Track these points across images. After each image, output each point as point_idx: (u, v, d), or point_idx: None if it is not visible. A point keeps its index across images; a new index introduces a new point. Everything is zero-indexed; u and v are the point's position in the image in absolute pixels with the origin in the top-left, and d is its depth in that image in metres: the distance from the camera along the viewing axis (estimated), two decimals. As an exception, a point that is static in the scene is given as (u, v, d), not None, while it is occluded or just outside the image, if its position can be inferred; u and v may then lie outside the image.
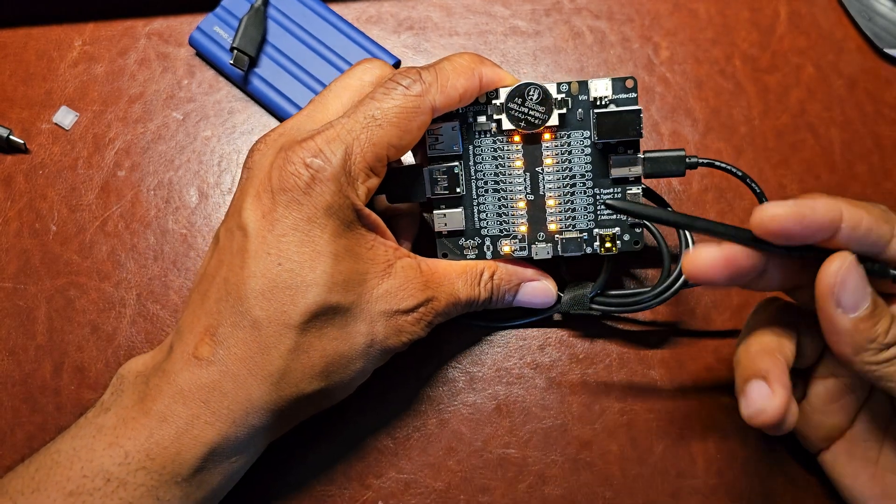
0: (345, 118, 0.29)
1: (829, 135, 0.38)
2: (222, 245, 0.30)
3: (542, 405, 0.36)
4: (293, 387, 0.29)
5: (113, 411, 0.29)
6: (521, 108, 0.31)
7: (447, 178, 0.32)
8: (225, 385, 0.28)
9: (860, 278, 0.26)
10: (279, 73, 0.39)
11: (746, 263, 0.26)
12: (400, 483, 0.35)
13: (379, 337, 0.30)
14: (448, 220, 0.33)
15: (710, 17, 0.40)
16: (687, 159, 0.31)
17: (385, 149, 0.29)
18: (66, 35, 0.41)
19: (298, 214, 0.28)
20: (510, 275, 0.33)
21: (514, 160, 0.32)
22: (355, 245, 0.29)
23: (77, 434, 0.29)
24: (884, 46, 0.39)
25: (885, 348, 0.26)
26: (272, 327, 0.28)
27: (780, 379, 0.27)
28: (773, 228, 0.25)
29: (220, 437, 0.28)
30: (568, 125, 0.32)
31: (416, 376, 0.36)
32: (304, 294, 0.28)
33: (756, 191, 0.32)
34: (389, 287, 0.30)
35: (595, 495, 0.34)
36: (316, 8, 0.39)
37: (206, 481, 0.29)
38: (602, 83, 0.31)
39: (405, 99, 0.29)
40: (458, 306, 0.32)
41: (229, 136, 0.39)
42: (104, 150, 0.39)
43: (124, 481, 0.27)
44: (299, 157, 0.28)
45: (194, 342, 0.29)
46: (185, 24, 0.41)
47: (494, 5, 0.41)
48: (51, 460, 0.28)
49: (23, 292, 0.37)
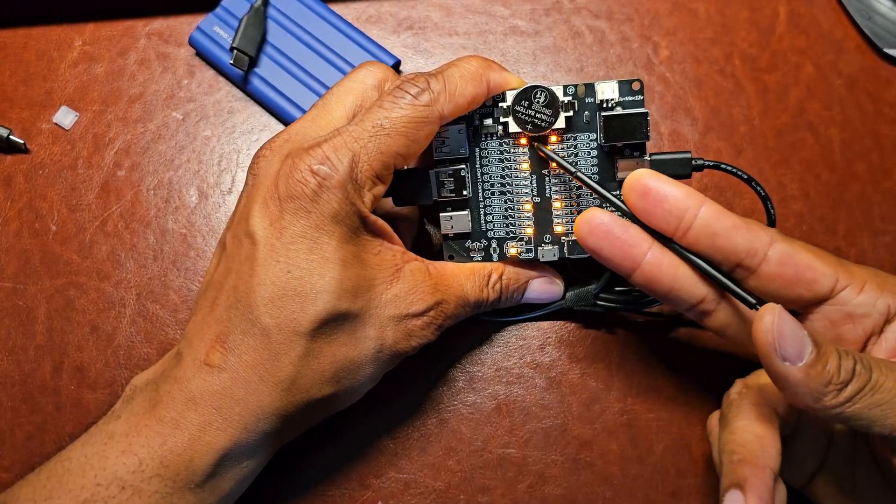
0: (352, 126, 0.29)
1: (828, 134, 0.38)
2: (230, 252, 0.30)
3: (542, 405, 0.36)
4: (303, 392, 0.29)
5: (124, 418, 0.29)
6: (527, 111, 0.31)
7: (454, 181, 0.32)
8: (236, 392, 0.28)
9: (794, 324, 0.25)
10: (279, 73, 0.39)
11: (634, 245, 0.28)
12: (400, 483, 0.35)
13: (389, 342, 0.30)
14: (455, 222, 0.33)
15: (709, 16, 0.40)
16: (693, 161, 0.31)
17: (392, 157, 0.29)
18: (66, 35, 0.41)
19: (306, 222, 0.28)
20: (518, 274, 0.34)
21: (521, 163, 0.32)
22: (362, 251, 0.29)
23: (88, 441, 0.28)
24: (883, 46, 0.39)
25: (843, 387, 0.24)
26: (282, 334, 0.28)
27: (759, 492, 0.26)
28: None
29: (231, 443, 0.28)
30: (574, 128, 0.32)
31: (416, 376, 0.36)
32: (314, 301, 0.28)
33: (761, 194, 0.32)
34: (398, 291, 0.30)
35: (595, 495, 0.34)
36: (316, 8, 0.39)
37: (218, 487, 0.29)
38: (609, 86, 0.31)
39: (413, 109, 0.29)
40: (467, 308, 0.32)
41: (229, 135, 0.39)
42: (104, 150, 0.39)
43: (139, 489, 0.27)
44: (306, 164, 0.28)
45: (205, 349, 0.29)
46: (185, 24, 0.41)
47: (494, 5, 0.41)
48: (62, 468, 0.28)
49: (23, 292, 0.37)
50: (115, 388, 0.36)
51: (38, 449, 0.35)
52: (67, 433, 0.36)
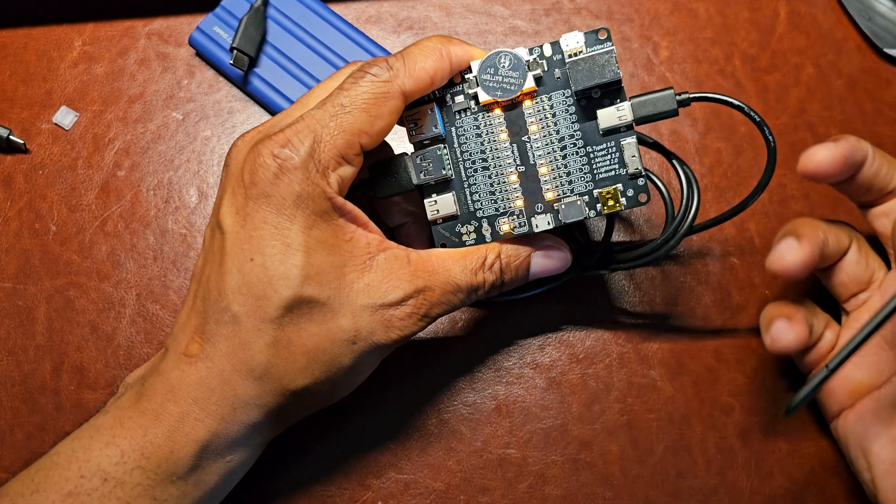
0: (314, 109, 0.29)
1: (828, 134, 0.38)
2: (206, 245, 0.30)
3: (542, 405, 0.36)
4: (276, 382, 0.29)
5: (111, 413, 0.29)
6: (494, 78, 0.30)
7: (432, 163, 0.32)
8: (212, 381, 0.28)
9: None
10: (279, 73, 0.39)
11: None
12: (400, 483, 0.35)
13: (363, 332, 0.29)
14: (440, 205, 0.32)
15: (709, 16, 0.40)
16: (678, 96, 0.30)
17: (356, 135, 0.29)
18: (66, 35, 0.41)
19: (267, 207, 0.28)
20: (518, 250, 0.32)
21: (499, 133, 0.31)
22: (331, 237, 0.29)
23: (76, 436, 0.29)
24: (884, 46, 0.39)
25: None
26: (251, 322, 0.28)
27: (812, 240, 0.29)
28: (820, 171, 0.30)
29: (210, 434, 0.28)
30: (547, 87, 0.31)
31: (416, 376, 0.36)
32: (276, 287, 0.28)
33: (756, 119, 0.31)
34: (371, 280, 0.29)
35: (595, 495, 0.34)
36: (316, 8, 0.39)
37: (202, 480, 0.29)
38: (573, 36, 0.30)
39: (373, 84, 0.29)
40: (459, 294, 0.31)
41: (229, 136, 0.39)
42: (104, 150, 0.39)
43: (121, 481, 0.27)
44: (268, 149, 0.28)
45: (185, 341, 0.29)
46: (185, 24, 0.41)
47: (494, 5, 0.41)
48: (50, 462, 0.28)
49: (22, 292, 0.37)
50: (115, 389, 0.36)
51: (38, 449, 0.35)
52: (67, 433, 0.35)
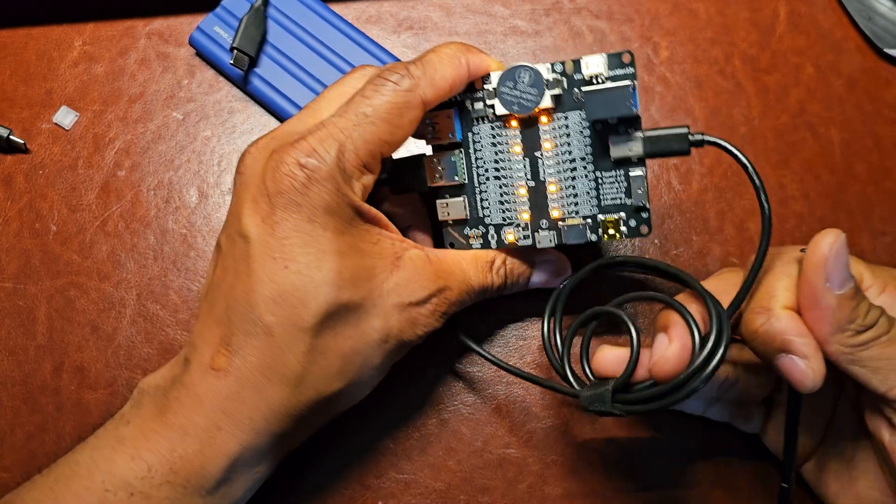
0: (336, 117, 0.29)
1: (828, 134, 0.38)
2: (225, 253, 0.30)
3: (542, 405, 0.36)
4: (311, 389, 0.28)
5: (133, 423, 0.28)
6: (513, 92, 0.30)
7: (447, 167, 0.32)
8: (244, 394, 0.28)
9: (848, 257, 0.26)
10: (279, 73, 0.39)
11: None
12: (400, 483, 0.35)
13: (394, 331, 0.30)
14: (450, 208, 0.32)
15: (709, 16, 0.40)
16: (691, 136, 0.29)
17: (378, 145, 0.29)
18: (66, 35, 0.41)
19: (298, 216, 0.28)
20: (521, 258, 0.34)
21: (513, 146, 0.31)
22: (359, 241, 0.29)
23: (96, 445, 0.28)
24: (884, 46, 0.39)
25: (863, 331, 0.26)
26: (286, 331, 0.28)
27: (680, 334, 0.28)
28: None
29: (242, 448, 0.28)
30: (565, 106, 0.30)
31: (416, 376, 0.36)
32: (315, 294, 0.28)
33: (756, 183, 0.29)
34: (400, 279, 0.30)
35: (595, 495, 0.34)
36: (316, 8, 0.39)
37: (229, 493, 0.29)
38: (595, 59, 0.29)
39: (395, 95, 0.29)
40: (471, 294, 0.32)
41: (229, 136, 0.39)
42: (104, 150, 0.39)
43: (148, 495, 0.27)
44: (293, 157, 0.28)
45: (210, 353, 0.28)
46: (185, 24, 0.41)
47: (494, 5, 0.41)
48: (70, 471, 0.28)
49: (23, 292, 0.37)
50: (115, 389, 0.36)
51: (38, 449, 0.35)
52: (67, 433, 0.36)
